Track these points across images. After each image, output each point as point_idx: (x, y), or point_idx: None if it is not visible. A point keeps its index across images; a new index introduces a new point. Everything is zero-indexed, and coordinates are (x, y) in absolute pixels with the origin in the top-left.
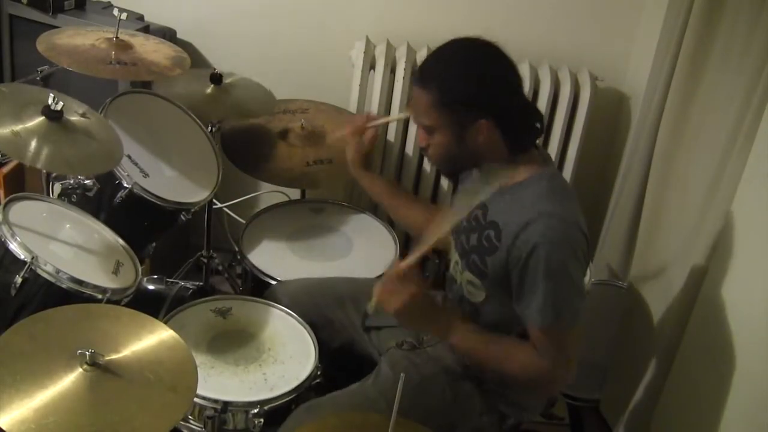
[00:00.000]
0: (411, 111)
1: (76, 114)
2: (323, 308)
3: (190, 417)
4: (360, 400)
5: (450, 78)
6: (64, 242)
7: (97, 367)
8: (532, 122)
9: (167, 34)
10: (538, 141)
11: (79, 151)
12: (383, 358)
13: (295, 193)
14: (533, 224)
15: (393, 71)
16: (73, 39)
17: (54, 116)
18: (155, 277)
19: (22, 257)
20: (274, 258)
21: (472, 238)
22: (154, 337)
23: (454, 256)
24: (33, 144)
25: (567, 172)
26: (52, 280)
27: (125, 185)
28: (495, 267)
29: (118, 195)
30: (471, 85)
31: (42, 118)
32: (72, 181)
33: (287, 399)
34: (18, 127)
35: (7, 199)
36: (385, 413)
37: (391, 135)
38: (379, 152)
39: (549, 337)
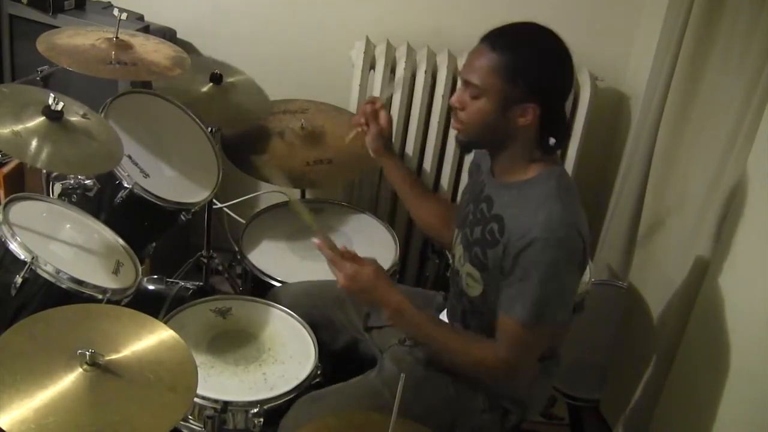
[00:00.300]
0: (466, 68)
1: (76, 114)
2: (324, 309)
3: (190, 417)
4: (364, 391)
5: (526, 52)
6: (64, 242)
7: (97, 367)
8: (563, 130)
9: (167, 34)
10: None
11: (79, 151)
12: (386, 354)
13: (295, 193)
14: (536, 222)
15: (393, 71)
16: (73, 39)
17: (54, 116)
18: (155, 277)
19: (22, 257)
20: (274, 258)
21: (476, 231)
22: (154, 337)
23: (459, 250)
24: (33, 144)
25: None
26: (52, 280)
27: (125, 185)
28: (494, 260)
29: (119, 195)
30: (542, 68)
31: (42, 118)
32: (72, 181)
33: (287, 399)
34: (18, 127)
35: (7, 199)
36: (389, 404)
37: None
38: None
39: (521, 331)
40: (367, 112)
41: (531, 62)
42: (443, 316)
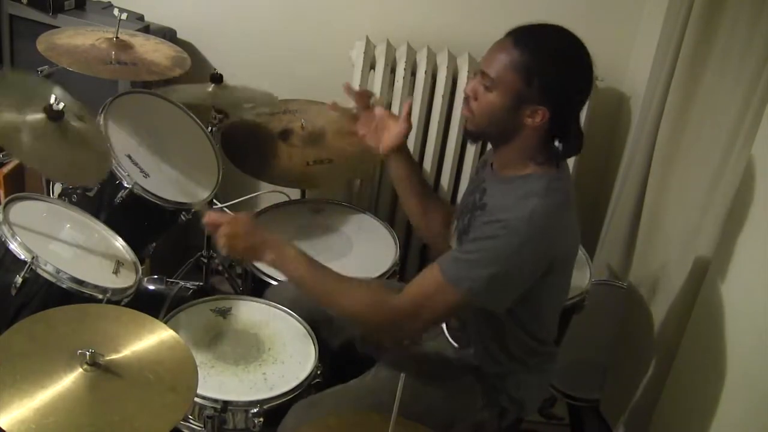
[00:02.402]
0: (486, 59)
1: (75, 118)
2: (323, 307)
3: (190, 416)
4: (361, 394)
5: (549, 53)
6: (65, 242)
7: (97, 367)
8: (574, 141)
9: (167, 34)
10: None
11: (70, 157)
12: (383, 354)
13: (295, 193)
14: (512, 208)
15: (393, 71)
16: (73, 39)
17: (54, 116)
18: (155, 277)
19: (23, 257)
20: None
21: (465, 219)
22: (154, 337)
23: (454, 241)
24: (26, 138)
25: None
26: (53, 280)
27: (125, 185)
28: None
29: (119, 195)
30: (560, 74)
31: (42, 115)
32: None
33: (287, 398)
34: (17, 119)
35: (7, 199)
36: (386, 405)
37: None
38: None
39: (436, 281)
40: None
41: (550, 66)
42: None
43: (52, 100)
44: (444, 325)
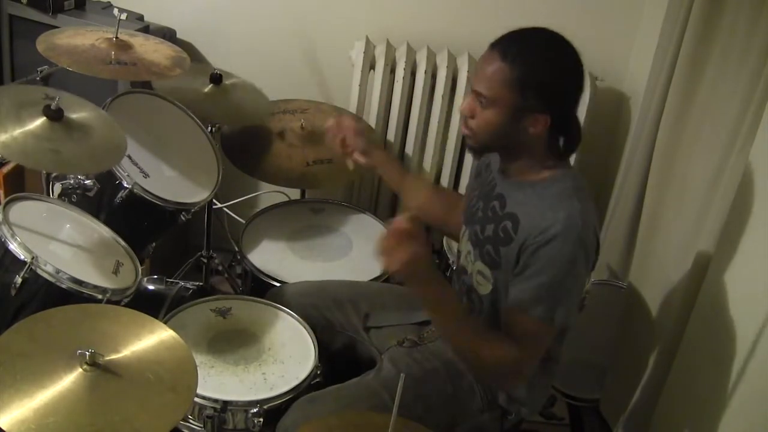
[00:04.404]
0: (477, 77)
1: (76, 111)
2: (322, 310)
3: (189, 416)
4: (362, 393)
5: (537, 63)
6: (64, 242)
7: (97, 367)
8: (576, 136)
9: (167, 34)
10: None
11: (82, 149)
12: (384, 355)
13: (295, 193)
14: (557, 219)
15: (393, 71)
16: (73, 39)
17: (55, 116)
18: (155, 277)
19: (22, 257)
20: (274, 258)
21: (488, 229)
22: (154, 337)
23: (466, 246)
24: (36, 147)
25: None
26: (52, 280)
27: (125, 185)
28: (508, 258)
29: (119, 195)
30: (553, 80)
31: (43, 118)
32: (72, 181)
33: (287, 398)
34: (19, 131)
35: (7, 199)
36: (387, 405)
37: (391, 135)
38: None
39: (538, 329)
40: (336, 136)
41: (542, 74)
42: None
43: (49, 101)
44: None
